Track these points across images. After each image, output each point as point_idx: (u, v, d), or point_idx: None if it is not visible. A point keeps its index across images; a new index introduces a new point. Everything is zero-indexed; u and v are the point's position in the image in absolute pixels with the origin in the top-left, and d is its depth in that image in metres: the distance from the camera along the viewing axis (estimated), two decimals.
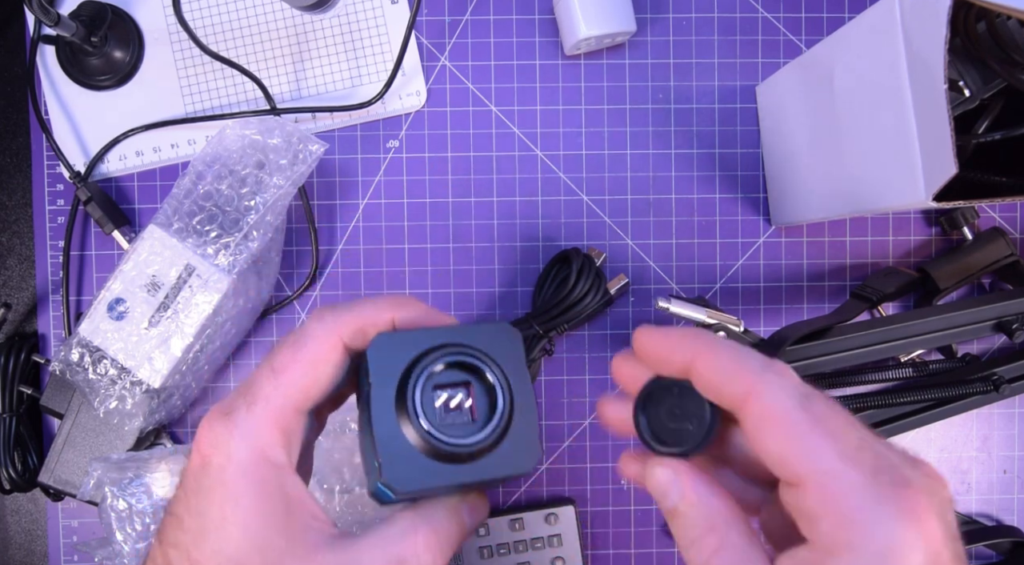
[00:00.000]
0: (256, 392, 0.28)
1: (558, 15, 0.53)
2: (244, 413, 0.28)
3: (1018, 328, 0.49)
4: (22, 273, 0.54)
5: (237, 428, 0.27)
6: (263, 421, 0.28)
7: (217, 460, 0.27)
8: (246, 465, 0.27)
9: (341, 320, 0.29)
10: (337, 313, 0.29)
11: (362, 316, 0.29)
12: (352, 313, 0.29)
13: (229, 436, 0.27)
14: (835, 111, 0.44)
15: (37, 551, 0.54)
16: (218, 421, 0.28)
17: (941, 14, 0.33)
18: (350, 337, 0.29)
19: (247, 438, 0.27)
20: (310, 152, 0.47)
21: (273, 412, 0.28)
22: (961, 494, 0.56)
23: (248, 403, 0.28)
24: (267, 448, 0.28)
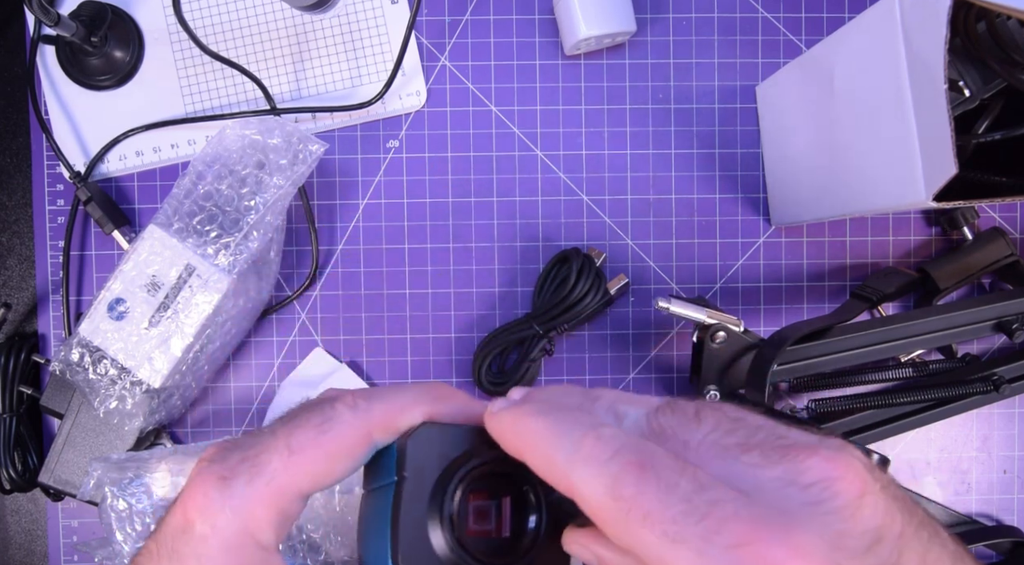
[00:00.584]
0: (263, 465, 0.26)
1: (558, 15, 0.53)
2: (243, 485, 0.25)
3: (1018, 328, 0.49)
4: (22, 273, 0.54)
5: (231, 500, 0.25)
6: (262, 500, 0.25)
7: (201, 528, 0.25)
8: (231, 542, 0.25)
9: (374, 411, 0.26)
10: (371, 402, 0.27)
11: (397, 409, 0.27)
12: (387, 404, 0.27)
13: (221, 506, 0.25)
14: (835, 111, 0.44)
15: (37, 551, 0.54)
16: (213, 486, 0.25)
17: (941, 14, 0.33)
18: (380, 430, 0.27)
19: (239, 513, 0.25)
20: (310, 152, 0.47)
21: (275, 492, 0.25)
22: (961, 494, 0.56)
23: (251, 474, 0.25)
24: (258, 529, 0.25)
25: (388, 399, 0.27)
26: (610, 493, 0.21)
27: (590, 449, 0.22)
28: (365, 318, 0.54)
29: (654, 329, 0.55)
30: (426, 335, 0.54)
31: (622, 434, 0.22)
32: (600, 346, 0.55)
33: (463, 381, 0.54)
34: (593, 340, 0.55)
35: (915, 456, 0.56)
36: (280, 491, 0.26)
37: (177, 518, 0.26)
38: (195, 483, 0.26)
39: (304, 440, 0.26)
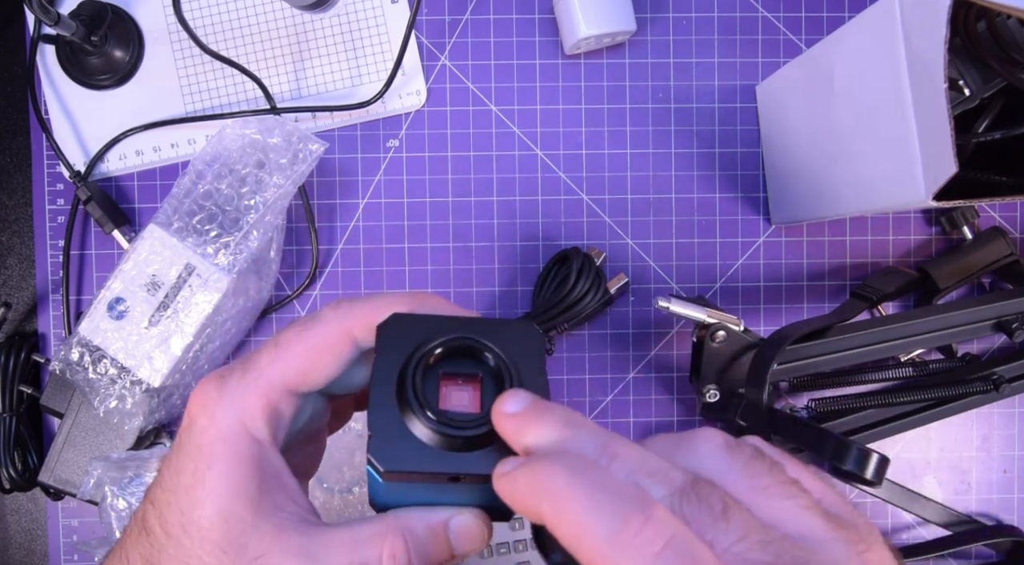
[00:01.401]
0: (254, 362, 0.28)
1: (558, 15, 0.53)
2: (236, 380, 0.27)
3: (1018, 328, 0.49)
4: (22, 273, 0.54)
5: (226, 393, 0.27)
6: (252, 391, 0.27)
7: (201, 422, 0.27)
8: (226, 432, 0.27)
9: (356, 311, 0.28)
10: (353, 303, 0.28)
11: (378, 309, 0.28)
12: (368, 305, 0.28)
13: (217, 399, 0.27)
14: (835, 111, 0.44)
15: (37, 551, 0.54)
16: (211, 383, 0.27)
17: (941, 14, 0.33)
18: (362, 329, 0.28)
19: (233, 405, 0.27)
20: (310, 151, 0.47)
21: (264, 385, 0.27)
22: (961, 494, 0.56)
23: (243, 371, 0.27)
24: (251, 420, 0.27)
25: (370, 301, 0.28)
26: None
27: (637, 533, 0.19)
28: None
29: (654, 329, 0.55)
30: None
31: (672, 520, 0.20)
32: (600, 346, 0.55)
33: None
34: (593, 340, 0.55)
35: (915, 456, 0.56)
36: (270, 384, 0.27)
37: (184, 419, 0.28)
38: (197, 386, 0.28)
39: (290, 336, 0.28)
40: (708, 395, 0.50)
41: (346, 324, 0.28)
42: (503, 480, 0.23)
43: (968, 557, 0.56)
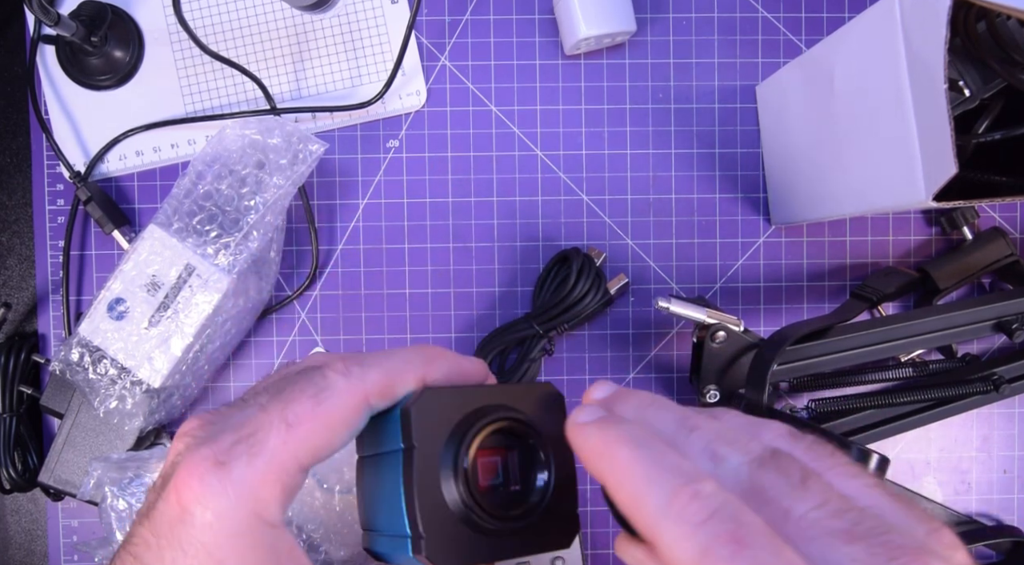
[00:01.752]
0: (261, 443, 0.25)
1: (558, 15, 0.53)
2: (243, 467, 0.24)
3: (1018, 328, 0.49)
4: (22, 273, 0.54)
5: (233, 484, 0.24)
6: (265, 479, 0.24)
7: (204, 517, 0.24)
8: (240, 526, 0.24)
9: (369, 377, 0.26)
10: (365, 368, 0.26)
11: (391, 373, 0.26)
12: (381, 369, 0.26)
13: (223, 492, 0.24)
14: (835, 111, 0.44)
15: (37, 551, 0.54)
16: (209, 471, 0.24)
17: (941, 14, 0.33)
18: (376, 397, 0.26)
19: (243, 497, 0.24)
20: (310, 152, 0.47)
21: (278, 470, 0.25)
22: (961, 494, 0.56)
23: (250, 455, 0.24)
24: (265, 509, 0.24)
25: (381, 365, 0.26)
26: (698, 561, 0.20)
27: (684, 506, 0.21)
28: (365, 318, 0.54)
29: (654, 329, 0.55)
30: (426, 335, 0.54)
31: (721, 493, 0.21)
32: (600, 346, 0.55)
33: None
34: (593, 340, 0.55)
35: (915, 456, 0.56)
36: (282, 468, 0.25)
37: (171, 506, 0.24)
38: (187, 469, 0.24)
39: (301, 413, 0.25)
40: (708, 395, 0.50)
41: (360, 394, 0.26)
42: (576, 430, 0.24)
43: None
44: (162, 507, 0.24)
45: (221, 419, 0.26)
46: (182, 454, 0.25)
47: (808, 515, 0.21)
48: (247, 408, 0.26)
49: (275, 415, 0.25)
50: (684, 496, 0.21)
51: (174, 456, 0.25)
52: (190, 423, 0.26)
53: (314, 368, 0.26)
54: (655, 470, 0.22)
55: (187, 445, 0.25)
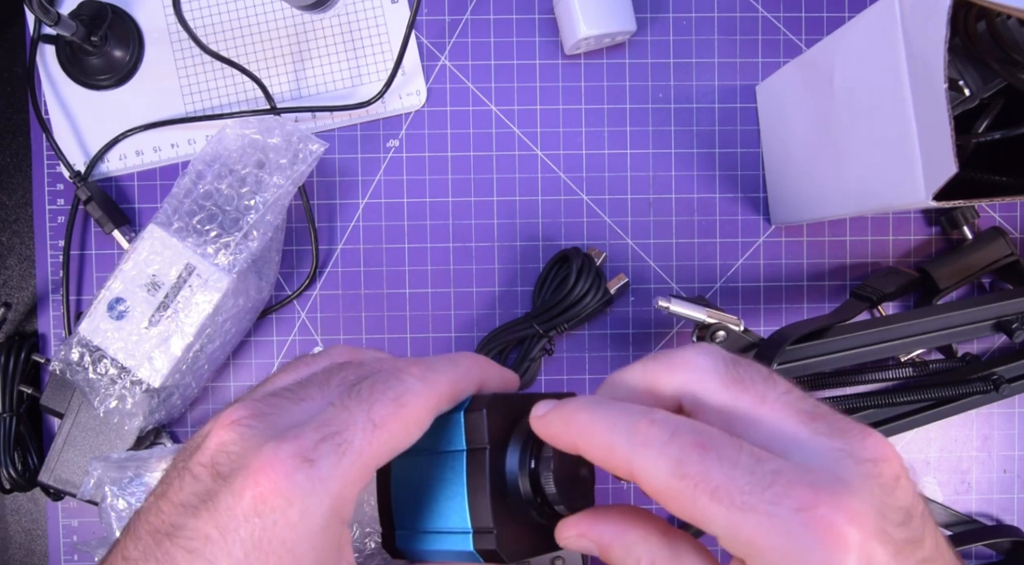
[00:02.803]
0: (348, 442, 0.24)
1: (558, 15, 0.53)
2: (333, 465, 0.24)
3: (1018, 328, 0.49)
4: (22, 273, 0.54)
5: (323, 482, 0.24)
6: (353, 478, 0.24)
7: (289, 514, 0.23)
8: (321, 523, 0.24)
9: (441, 383, 0.27)
10: (437, 374, 0.27)
11: (458, 381, 0.28)
12: (450, 377, 0.27)
13: (311, 490, 0.23)
14: (835, 111, 0.44)
15: (37, 551, 0.54)
16: (299, 470, 0.23)
17: (941, 14, 0.33)
18: (446, 401, 0.27)
19: (331, 494, 0.24)
20: (310, 151, 0.47)
21: (363, 468, 0.25)
22: (961, 494, 0.56)
23: (338, 453, 0.24)
24: (344, 506, 0.24)
25: (449, 372, 0.28)
26: (675, 473, 0.22)
27: (646, 433, 0.23)
28: (365, 318, 0.54)
29: (654, 329, 0.55)
30: (426, 335, 0.54)
31: (674, 416, 0.24)
32: (600, 346, 0.55)
33: None
34: (593, 340, 0.55)
35: (915, 456, 0.56)
36: (366, 467, 0.25)
37: (247, 501, 0.23)
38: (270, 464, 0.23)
39: (386, 414, 0.25)
40: None
41: (435, 398, 0.27)
42: (538, 422, 0.26)
43: (968, 557, 0.56)
44: (231, 501, 0.23)
45: (277, 411, 0.26)
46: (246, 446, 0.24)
47: (780, 399, 0.24)
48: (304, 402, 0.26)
49: (360, 415, 0.25)
50: (643, 426, 0.23)
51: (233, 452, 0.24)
52: (237, 411, 0.25)
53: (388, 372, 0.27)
54: (612, 416, 0.24)
55: (245, 436, 0.25)
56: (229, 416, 0.25)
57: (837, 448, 0.22)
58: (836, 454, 0.22)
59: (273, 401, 0.26)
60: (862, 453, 0.22)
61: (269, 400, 0.26)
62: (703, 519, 0.22)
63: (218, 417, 0.26)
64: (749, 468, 0.22)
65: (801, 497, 0.21)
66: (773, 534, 0.21)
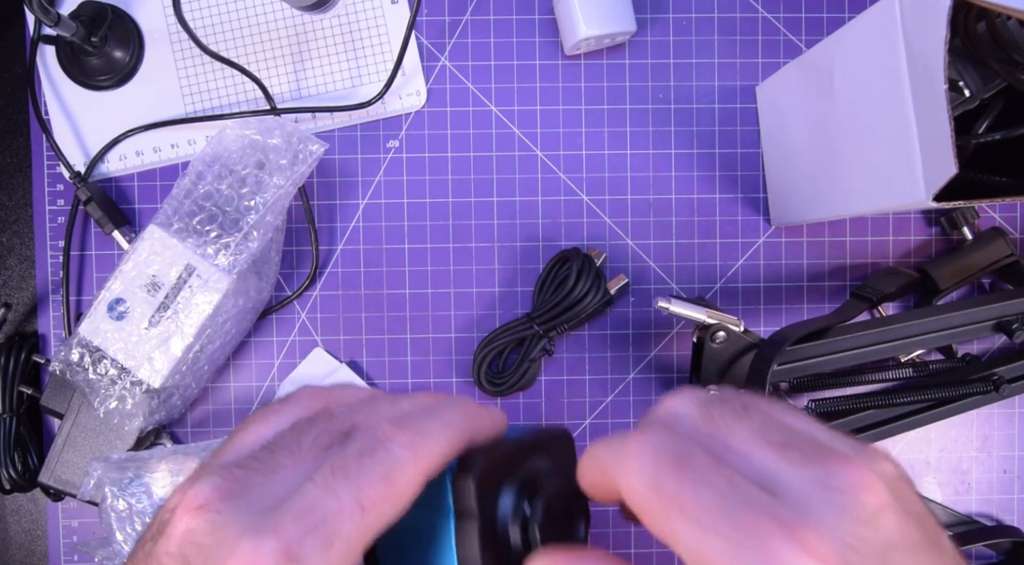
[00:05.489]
0: (336, 532, 0.22)
1: (558, 15, 0.53)
2: (319, 557, 0.22)
3: (1018, 328, 0.49)
4: (22, 273, 0.54)
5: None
6: None
7: None
8: None
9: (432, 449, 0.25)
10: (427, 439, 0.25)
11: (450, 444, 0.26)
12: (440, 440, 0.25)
13: None
14: (835, 111, 0.44)
15: (37, 551, 0.54)
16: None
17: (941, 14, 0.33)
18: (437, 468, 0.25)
19: None
20: (310, 152, 0.47)
21: (353, 556, 0.23)
22: (961, 494, 0.56)
23: (324, 546, 0.22)
24: None
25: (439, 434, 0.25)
26: (652, 487, 0.22)
27: (634, 448, 0.23)
28: (365, 318, 0.54)
29: (654, 329, 0.55)
30: (426, 335, 0.54)
31: (665, 435, 0.24)
32: (600, 346, 0.55)
33: (463, 381, 0.54)
34: (593, 340, 0.55)
35: (915, 456, 0.56)
36: (356, 552, 0.23)
37: None
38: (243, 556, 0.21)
39: (375, 496, 0.23)
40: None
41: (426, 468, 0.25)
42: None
43: (968, 557, 0.56)
44: None
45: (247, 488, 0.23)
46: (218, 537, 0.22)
47: (752, 432, 0.24)
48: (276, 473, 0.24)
49: (347, 500, 0.23)
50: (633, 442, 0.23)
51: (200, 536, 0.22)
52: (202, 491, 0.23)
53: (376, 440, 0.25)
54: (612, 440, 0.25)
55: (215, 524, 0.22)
56: (194, 499, 0.23)
57: (811, 477, 0.22)
58: (809, 484, 0.22)
59: (241, 476, 0.24)
60: (835, 481, 0.22)
61: (236, 474, 0.24)
62: (672, 536, 0.22)
63: (183, 494, 0.23)
64: (720, 491, 0.22)
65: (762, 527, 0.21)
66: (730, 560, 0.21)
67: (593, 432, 0.55)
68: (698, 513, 0.21)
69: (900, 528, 0.21)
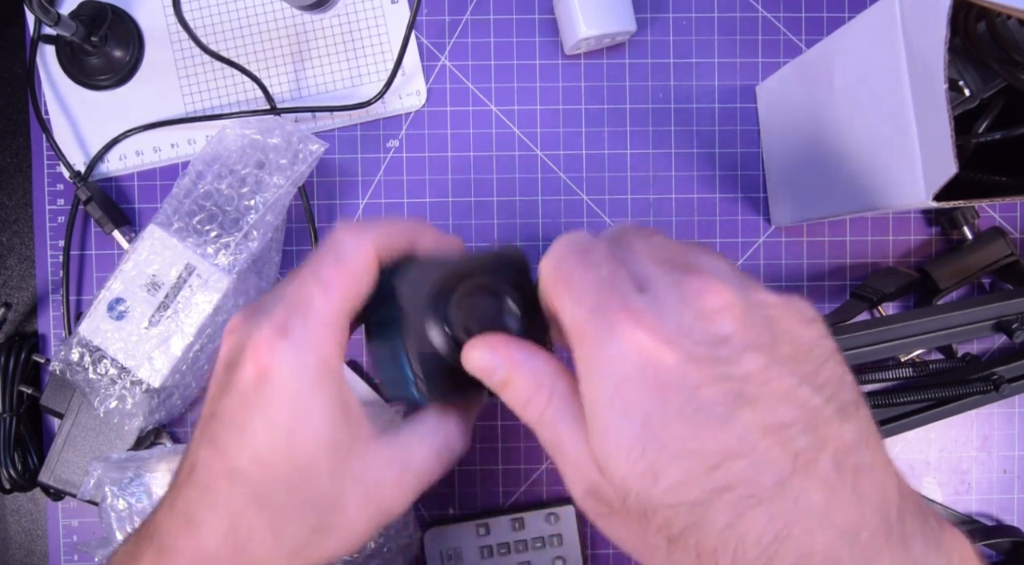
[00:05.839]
0: (309, 306, 0.30)
1: (558, 15, 0.53)
2: (302, 328, 0.29)
3: (1018, 328, 0.49)
4: (22, 273, 0.54)
5: (297, 345, 0.29)
6: (321, 334, 0.30)
7: (280, 374, 0.29)
8: (311, 375, 0.29)
9: (371, 234, 0.31)
10: (368, 228, 0.32)
11: (390, 233, 0.32)
12: (380, 229, 0.32)
13: (292, 350, 0.29)
14: (835, 111, 0.44)
15: (37, 551, 0.54)
16: (276, 336, 0.29)
17: (941, 14, 0.33)
18: (382, 249, 0.32)
19: (309, 351, 0.29)
20: (310, 152, 0.47)
21: (328, 324, 0.30)
22: (961, 494, 0.56)
23: (304, 318, 0.30)
24: (330, 359, 0.30)
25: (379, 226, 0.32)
26: (554, 265, 0.28)
27: (555, 247, 0.29)
28: None
29: None
30: None
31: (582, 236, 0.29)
32: None
33: None
34: None
35: (915, 456, 0.56)
36: (332, 321, 0.30)
37: (250, 376, 0.29)
38: (255, 343, 0.29)
39: (331, 274, 0.30)
40: None
41: (370, 246, 0.31)
42: None
43: None
44: (241, 380, 0.30)
45: (261, 305, 0.31)
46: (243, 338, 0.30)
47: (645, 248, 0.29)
48: (283, 290, 0.31)
49: (310, 282, 0.30)
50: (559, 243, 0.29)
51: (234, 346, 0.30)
52: (234, 320, 0.31)
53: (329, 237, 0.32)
54: None
55: (239, 331, 0.31)
56: (228, 326, 0.32)
57: (672, 282, 0.27)
58: (670, 286, 0.26)
59: (257, 303, 0.32)
60: (687, 286, 0.26)
61: (254, 305, 0.32)
62: (559, 305, 0.28)
63: None
64: (601, 277, 0.27)
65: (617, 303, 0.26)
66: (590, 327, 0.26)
67: None
68: (579, 288, 0.27)
69: (738, 329, 0.25)
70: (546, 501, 0.54)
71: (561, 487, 0.54)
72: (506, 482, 0.54)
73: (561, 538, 0.53)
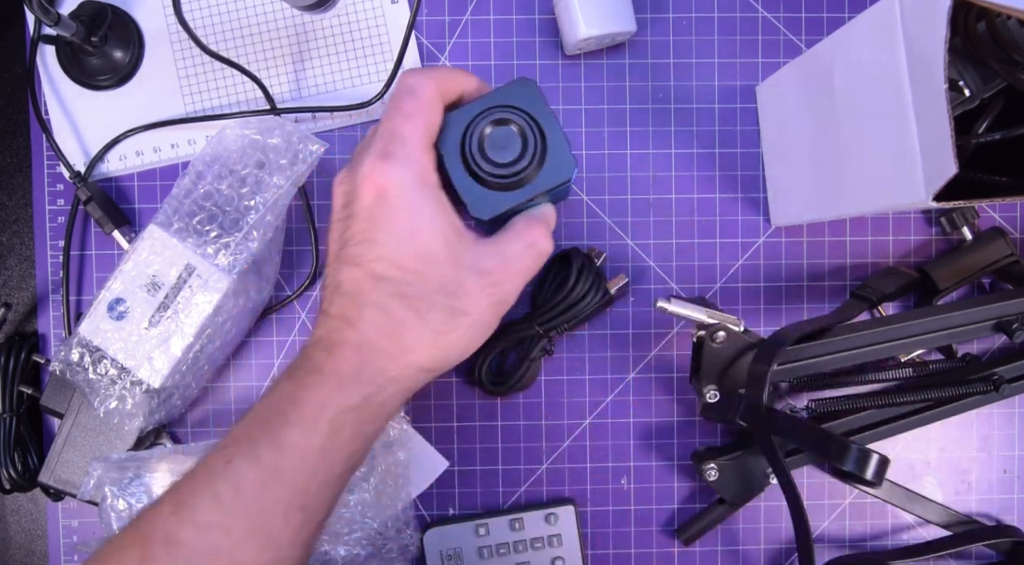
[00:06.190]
0: (402, 135, 0.37)
1: (558, 15, 0.53)
2: (400, 150, 0.37)
3: (1018, 328, 0.49)
4: (22, 273, 0.54)
5: (401, 163, 0.36)
6: (418, 154, 0.37)
7: (394, 189, 0.36)
8: (418, 185, 0.37)
9: (435, 76, 0.38)
10: (431, 72, 0.39)
11: (447, 75, 0.39)
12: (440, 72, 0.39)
13: (399, 168, 0.36)
14: (835, 111, 0.44)
15: (37, 551, 0.54)
16: (384, 161, 0.36)
17: (941, 14, 0.33)
18: (444, 89, 0.39)
19: (412, 169, 0.37)
20: (310, 152, 0.47)
21: (420, 146, 0.37)
22: (961, 494, 0.56)
23: (399, 143, 0.37)
24: (426, 173, 0.37)
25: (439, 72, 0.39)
26: None
27: None
28: None
29: (654, 329, 0.55)
30: None
31: None
32: (600, 346, 0.55)
33: (463, 381, 0.54)
34: (593, 340, 0.55)
35: (915, 456, 0.56)
36: (423, 144, 0.37)
37: (368, 194, 0.37)
38: (366, 171, 0.37)
39: (410, 106, 0.38)
40: (708, 395, 0.50)
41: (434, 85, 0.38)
42: None
43: (968, 557, 0.56)
44: (361, 207, 0.37)
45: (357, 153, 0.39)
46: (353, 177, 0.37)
47: None
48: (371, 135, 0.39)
49: (396, 117, 0.38)
50: None
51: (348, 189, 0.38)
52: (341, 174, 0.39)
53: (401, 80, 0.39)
54: None
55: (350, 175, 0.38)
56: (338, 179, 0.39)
57: None
58: None
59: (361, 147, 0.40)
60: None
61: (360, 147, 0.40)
62: None
63: None
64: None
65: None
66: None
67: (593, 432, 0.55)
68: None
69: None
70: (545, 501, 0.54)
71: (561, 487, 0.54)
72: (506, 482, 0.54)
73: (560, 538, 0.53)
